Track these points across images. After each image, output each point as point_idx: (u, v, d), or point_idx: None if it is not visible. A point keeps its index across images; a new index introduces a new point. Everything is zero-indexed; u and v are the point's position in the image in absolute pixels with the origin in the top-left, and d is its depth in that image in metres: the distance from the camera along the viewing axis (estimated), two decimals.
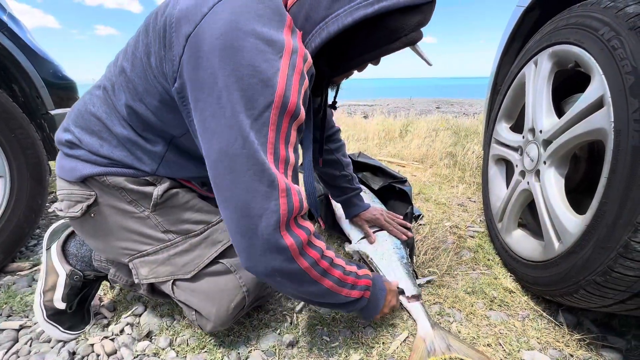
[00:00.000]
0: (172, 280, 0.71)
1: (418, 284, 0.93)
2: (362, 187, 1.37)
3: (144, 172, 0.68)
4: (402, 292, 0.88)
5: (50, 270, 0.80)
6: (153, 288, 0.75)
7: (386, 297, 0.74)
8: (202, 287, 0.70)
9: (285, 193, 0.52)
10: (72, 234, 0.86)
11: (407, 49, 0.61)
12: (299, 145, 0.63)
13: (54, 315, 0.78)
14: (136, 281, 0.72)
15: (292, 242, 0.53)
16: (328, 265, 0.60)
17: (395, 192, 1.36)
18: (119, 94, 0.62)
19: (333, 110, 0.97)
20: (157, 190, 0.68)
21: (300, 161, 0.65)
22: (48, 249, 0.84)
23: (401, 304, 0.88)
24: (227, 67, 0.48)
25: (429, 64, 0.64)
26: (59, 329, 0.78)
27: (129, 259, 0.72)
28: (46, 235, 0.86)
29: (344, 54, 0.60)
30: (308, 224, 0.58)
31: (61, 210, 0.71)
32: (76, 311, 0.82)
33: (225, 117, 0.50)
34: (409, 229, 1.10)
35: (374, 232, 1.09)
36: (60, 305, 0.78)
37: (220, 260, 0.72)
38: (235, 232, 0.53)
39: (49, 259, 0.82)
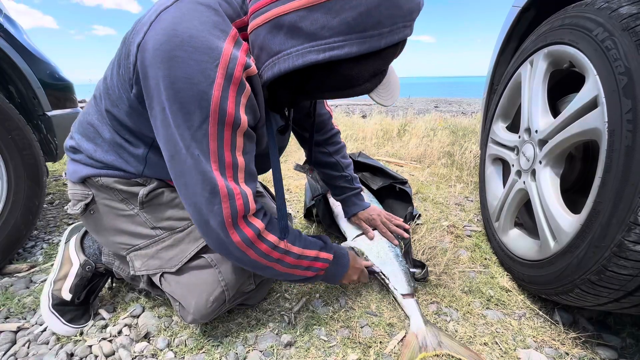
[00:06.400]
0: (160, 273, 0.75)
1: (412, 270, 0.96)
2: (362, 187, 1.38)
3: (132, 174, 0.72)
4: (373, 271, 0.93)
5: (66, 261, 0.86)
6: (152, 281, 0.79)
7: (347, 273, 0.83)
8: (185, 280, 0.74)
9: (228, 198, 0.57)
10: None
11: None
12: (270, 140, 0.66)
13: (58, 306, 0.81)
14: (132, 272, 0.76)
15: (239, 239, 0.61)
16: (280, 255, 0.66)
17: (395, 193, 1.36)
18: (103, 100, 0.67)
19: (332, 113, 1.02)
20: (143, 190, 0.73)
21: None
22: (67, 242, 0.90)
23: (396, 299, 0.90)
24: (167, 78, 0.51)
25: (384, 105, 0.64)
26: (60, 319, 0.80)
27: (126, 252, 0.76)
28: (66, 231, 0.93)
29: (302, 88, 0.60)
30: (257, 222, 0.63)
31: (68, 208, 0.77)
32: (80, 305, 0.85)
33: (170, 127, 0.54)
34: (407, 230, 1.10)
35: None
36: (67, 296, 0.82)
37: (203, 255, 0.74)
38: (196, 225, 0.62)
39: (66, 250, 0.88)
